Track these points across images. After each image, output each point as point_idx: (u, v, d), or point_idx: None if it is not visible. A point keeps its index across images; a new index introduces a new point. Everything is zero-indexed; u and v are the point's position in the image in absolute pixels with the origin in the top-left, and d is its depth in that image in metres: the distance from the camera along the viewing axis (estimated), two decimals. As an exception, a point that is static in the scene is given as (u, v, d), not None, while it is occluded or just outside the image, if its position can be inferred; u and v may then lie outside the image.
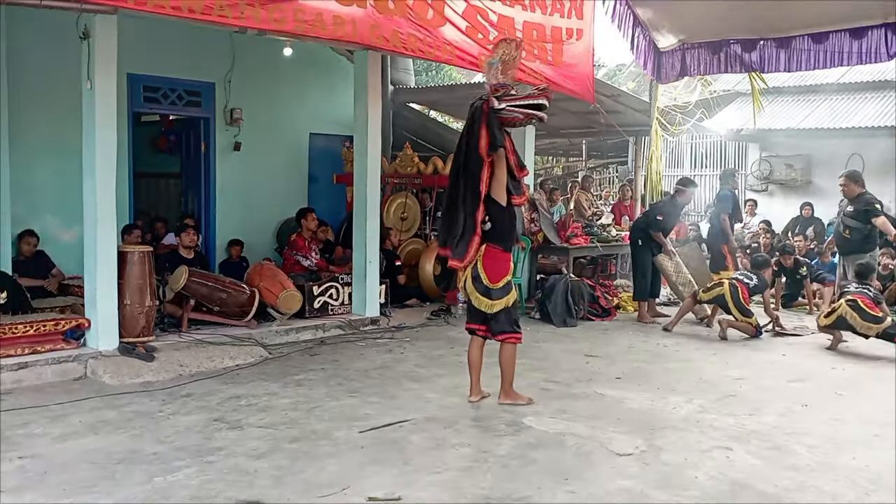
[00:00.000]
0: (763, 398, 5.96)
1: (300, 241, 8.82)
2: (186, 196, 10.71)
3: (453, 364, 6.85)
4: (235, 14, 6.16)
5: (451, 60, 7.92)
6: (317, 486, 4.02)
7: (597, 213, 12.34)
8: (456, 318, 9.12)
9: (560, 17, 8.88)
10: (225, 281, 7.74)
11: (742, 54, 9.92)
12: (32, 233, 8.03)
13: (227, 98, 9.92)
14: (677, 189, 9.71)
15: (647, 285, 9.47)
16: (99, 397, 5.62)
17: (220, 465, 4.30)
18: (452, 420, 5.18)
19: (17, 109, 7.84)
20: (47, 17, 6.80)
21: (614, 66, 25.25)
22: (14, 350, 6.06)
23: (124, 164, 8.41)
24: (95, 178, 6.40)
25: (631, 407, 5.65)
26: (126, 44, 6.53)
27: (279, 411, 5.34)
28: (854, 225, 8.82)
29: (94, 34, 6.26)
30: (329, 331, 8.05)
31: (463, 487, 4.05)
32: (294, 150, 10.92)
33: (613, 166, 19.69)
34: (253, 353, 6.96)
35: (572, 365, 6.98)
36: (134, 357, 6.37)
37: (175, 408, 5.40)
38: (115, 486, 3.99)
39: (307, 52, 10.08)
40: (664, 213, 9.47)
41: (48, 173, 8.25)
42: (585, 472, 4.30)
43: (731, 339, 8.21)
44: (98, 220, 6.41)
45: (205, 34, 8.38)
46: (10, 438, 4.70)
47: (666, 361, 7.26)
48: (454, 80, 20.32)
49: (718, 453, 4.67)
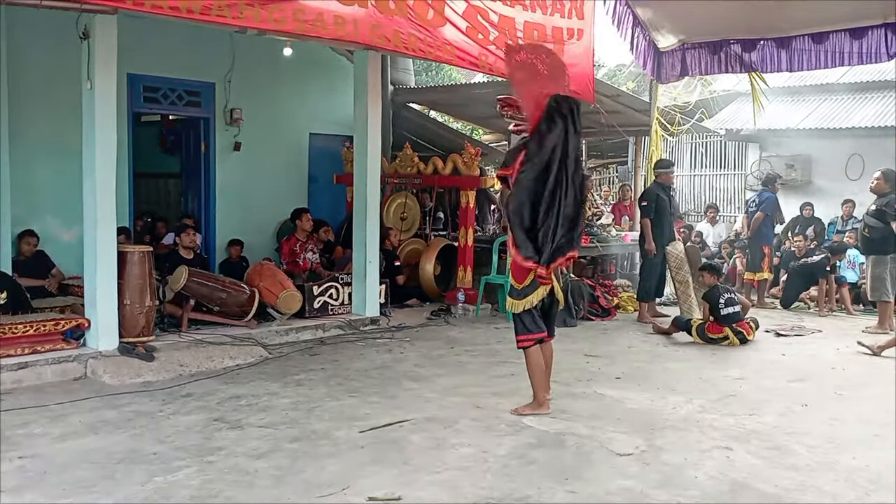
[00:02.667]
0: (763, 398, 5.96)
1: (287, 246, 8.89)
2: (186, 196, 10.71)
3: (453, 364, 6.86)
4: (234, 14, 6.15)
5: (451, 60, 7.92)
6: (317, 486, 4.02)
7: (597, 213, 12.33)
8: (456, 318, 9.15)
9: (560, 18, 8.87)
10: (225, 281, 7.74)
11: (742, 54, 9.91)
12: (32, 233, 8.03)
13: (227, 98, 9.92)
14: (656, 173, 9.78)
15: (653, 287, 9.46)
16: (99, 397, 5.62)
17: (221, 465, 4.30)
18: (452, 420, 5.18)
19: (18, 109, 7.85)
20: (47, 18, 6.80)
21: (614, 66, 25.21)
22: (14, 350, 6.06)
23: (124, 165, 8.42)
24: (95, 178, 6.40)
25: (631, 407, 5.65)
26: (126, 44, 6.53)
27: (279, 411, 5.34)
28: (874, 224, 8.86)
29: (93, 34, 6.26)
30: (329, 331, 8.05)
31: (463, 487, 4.05)
32: (294, 150, 10.92)
33: (613, 166, 19.68)
34: (253, 353, 6.96)
35: (572, 365, 6.97)
36: (134, 357, 6.37)
37: (175, 408, 5.40)
38: (115, 486, 3.99)
39: (307, 52, 10.08)
40: (648, 197, 9.47)
41: (48, 173, 8.25)
42: (585, 472, 4.29)
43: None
44: (98, 221, 6.42)
45: (205, 34, 8.38)
46: (10, 438, 4.70)
47: (666, 361, 7.26)
48: (454, 80, 20.29)
49: (718, 453, 4.66)
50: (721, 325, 7.93)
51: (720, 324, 7.94)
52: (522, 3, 8.40)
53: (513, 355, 7.25)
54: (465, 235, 9.77)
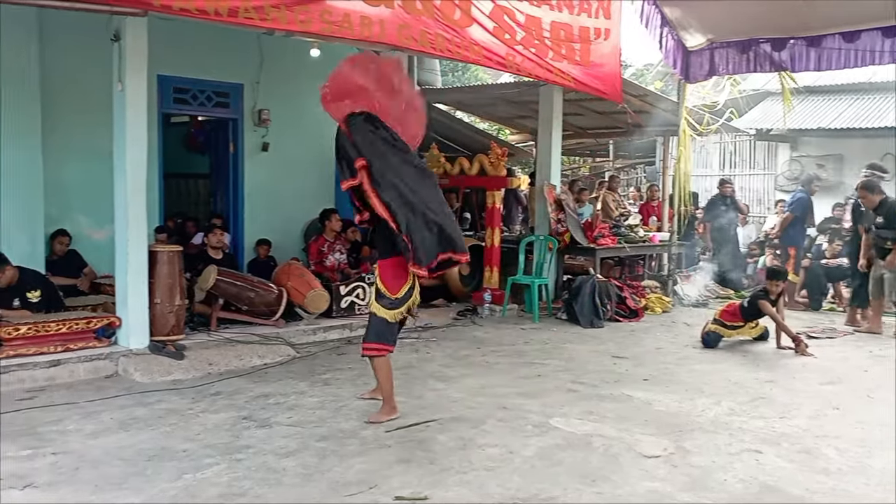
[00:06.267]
0: (793, 401, 5.90)
1: (314, 246, 8.91)
2: (216, 196, 10.80)
3: (479, 364, 6.85)
4: (261, 16, 6.20)
5: (478, 61, 7.92)
6: (344, 485, 4.04)
7: (624, 213, 12.28)
8: (482, 318, 9.14)
9: (587, 17, 8.85)
10: (253, 280, 7.80)
11: (772, 53, 9.81)
12: (65, 232, 8.13)
13: (256, 99, 9.98)
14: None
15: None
16: (129, 395, 5.70)
17: (249, 463, 4.33)
18: (479, 420, 5.18)
19: (51, 111, 7.95)
20: (79, 20, 6.89)
21: (641, 66, 25.08)
22: (47, 348, 6.16)
23: (155, 165, 8.51)
24: (126, 178, 6.49)
25: (659, 409, 5.61)
26: (156, 46, 6.61)
27: (307, 410, 5.38)
28: (891, 236, 8.57)
29: (124, 36, 6.35)
30: (356, 330, 8.06)
31: (489, 487, 4.05)
32: (321, 151, 10.91)
33: (641, 167, 19.57)
34: (281, 352, 7.01)
35: (599, 366, 6.95)
36: (164, 355, 6.45)
37: (204, 406, 5.46)
38: (146, 483, 4.04)
39: (334, 53, 10.05)
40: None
41: (80, 173, 8.34)
42: (612, 474, 4.27)
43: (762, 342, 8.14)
44: (129, 220, 6.50)
45: (233, 36, 8.45)
46: (43, 434, 4.78)
47: (694, 363, 7.20)
48: (480, 80, 20.29)
49: (748, 456, 4.62)
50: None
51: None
52: (549, 2, 8.39)
53: (540, 356, 7.28)
54: (492, 236, 9.77)
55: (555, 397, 5.83)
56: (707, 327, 8.02)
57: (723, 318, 7.99)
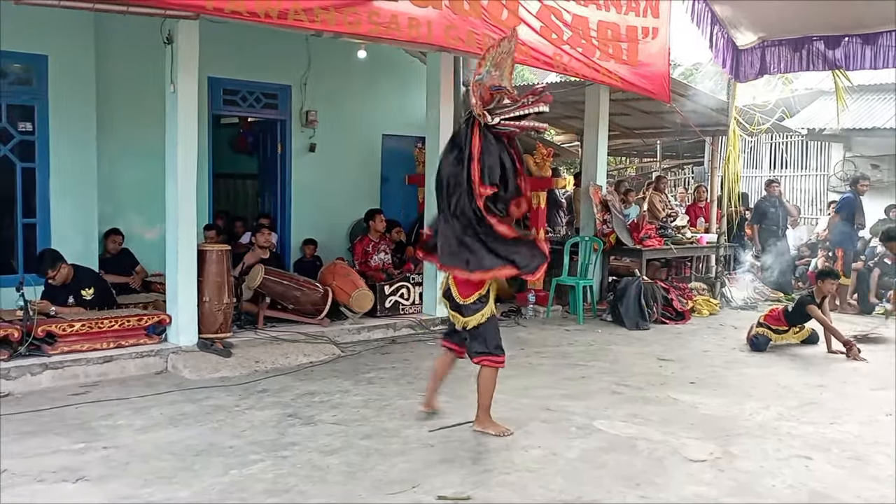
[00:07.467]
0: (845, 406, 5.77)
1: (359, 246, 8.97)
2: (263, 196, 10.95)
3: (524, 365, 6.84)
4: (311, 18, 6.26)
5: (525, 61, 7.89)
6: (387, 483, 4.07)
7: (671, 214, 12.13)
8: (526, 319, 9.12)
9: (635, 16, 8.77)
10: (299, 279, 7.89)
11: (825, 51, 9.61)
12: (118, 231, 8.31)
13: (303, 100, 10.10)
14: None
15: None
16: (178, 391, 5.81)
17: (294, 460, 4.39)
18: (522, 421, 5.16)
19: (106, 112, 8.15)
20: (134, 24, 7.05)
21: (691, 65, 24.72)
22: (100, 344, 6.30)
23: (205, 165, 8.66)
24: (177, 178, 6.62)
25: (705, 412, 5.54)
26: (207, 48, 6.73)
27: (351, 408, 5.42)
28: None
29: (177, 39, 6.48)
30: (400, 330, 8.12)
31: (532, 489, 4.04)
32: (367, 151, 11.04)
33: (689, 167, 19.32)
34: (326, 351, 7.08)
35: (645, 368, 6.88)
36: (212, 353, 6.55)
37: (251, 403, 5.54)
38: (194, 478, 4.11)
39: (381, 55, 10.18)
40: None
41: (133, 173, 8.52)
42: (657, 478, 4.23)
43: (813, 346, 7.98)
44: (179, 220, 6.63)
45: (281, 38, 8.55)
46: (95, 429, 4.90)
47: (742, 367, 7.09)
48: (526, 80, 20.20)
49: (797, 462, 4.54)
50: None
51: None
52: (596, 2, 8.34)
53: (584, 358, 7.24)
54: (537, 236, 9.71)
55: (599, 399, 5.78)
56: (753, 330, 7.89)
57: (768, 322, 7.86)
